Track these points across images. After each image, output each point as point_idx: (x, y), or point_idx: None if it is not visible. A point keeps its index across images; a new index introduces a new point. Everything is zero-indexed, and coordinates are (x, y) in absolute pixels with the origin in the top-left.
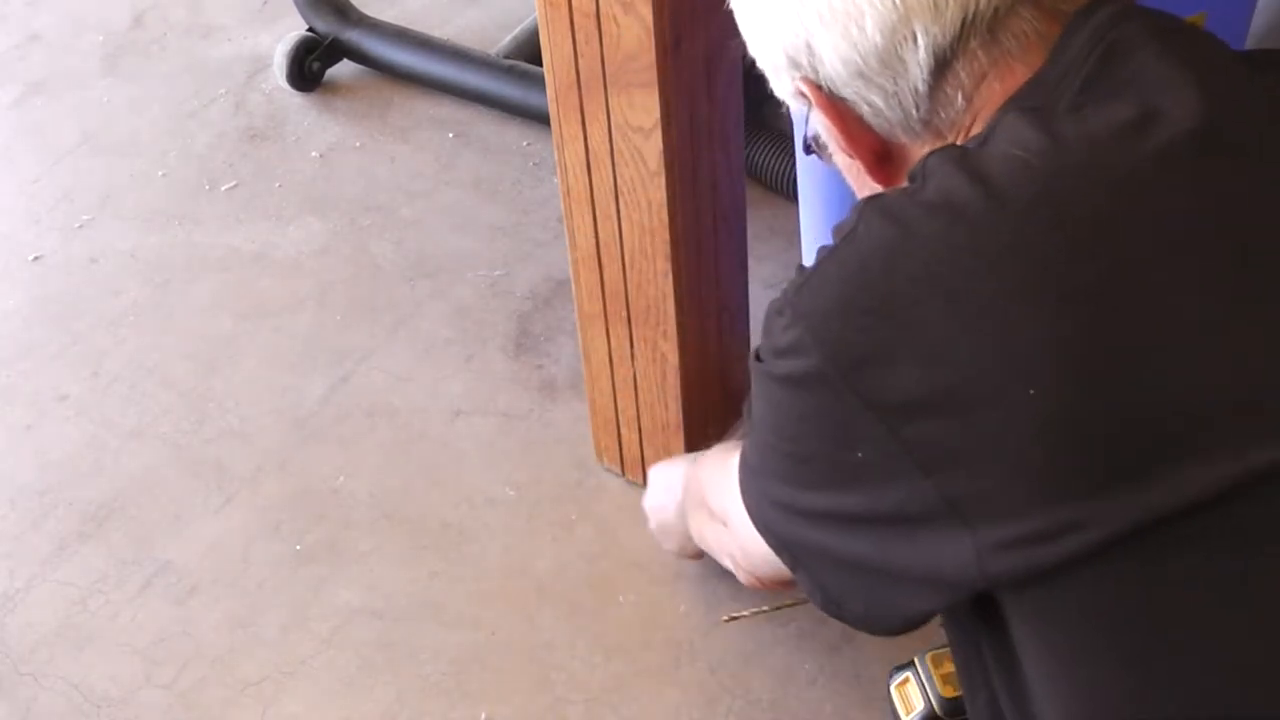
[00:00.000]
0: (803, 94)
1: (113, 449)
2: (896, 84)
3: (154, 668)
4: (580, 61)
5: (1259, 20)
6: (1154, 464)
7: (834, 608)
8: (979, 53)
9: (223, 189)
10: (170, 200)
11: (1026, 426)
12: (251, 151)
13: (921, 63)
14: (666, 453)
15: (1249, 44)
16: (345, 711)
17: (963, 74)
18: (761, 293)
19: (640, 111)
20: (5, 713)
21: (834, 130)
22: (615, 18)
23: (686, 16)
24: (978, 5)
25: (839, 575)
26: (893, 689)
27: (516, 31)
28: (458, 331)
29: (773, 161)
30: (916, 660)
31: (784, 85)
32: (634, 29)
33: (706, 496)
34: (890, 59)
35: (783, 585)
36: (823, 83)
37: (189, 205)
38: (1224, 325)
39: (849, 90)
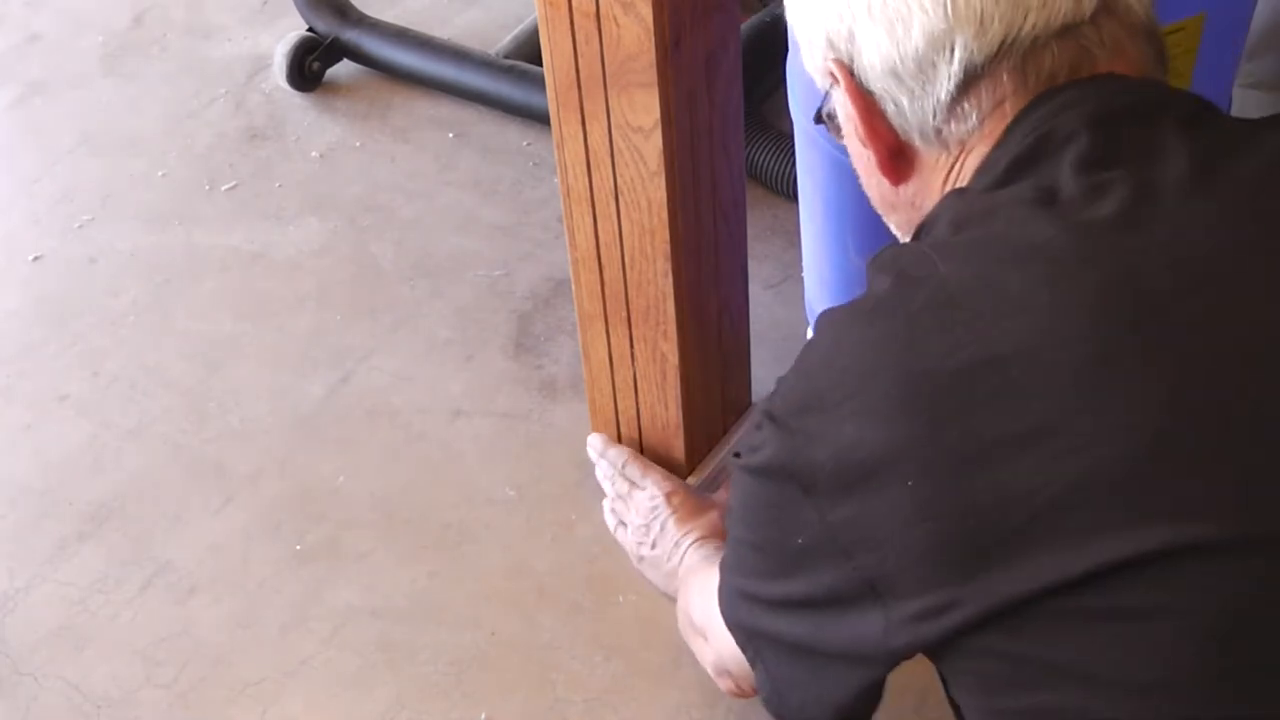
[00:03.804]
0: (832, 75)
1: (113, 449)
2: (924, 89)
3: (154, 668)
4: (580, 61)
5: (1259, 20)
6: (1011, 550)
7: (776, 701)
8: (1004, 77)
9: (223, 189)
10: (170, 200)
11: (909, 514)
12: (251, 151)
13: (952, 74)
14: (666, 452)
15: (1249, 44)
16: (345, 711)
17: (984, 94)
18: (761, 293)
19: (640, 111)
20: (5, 713)
21: (856, 118)
22: (615, 18)
23: (686, 16)
24: (1019, 32)
25: (785, 662)
26: None
27: (516, 31)
28: (458, 331)
29: (773, 162)
30: None
31: (815, 61)
32: (634, 29)
33: (691, 612)
34: (925, 65)
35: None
36: (855, 72)
37: (189, 205)
38: (1074, 416)
39: (878, 85)
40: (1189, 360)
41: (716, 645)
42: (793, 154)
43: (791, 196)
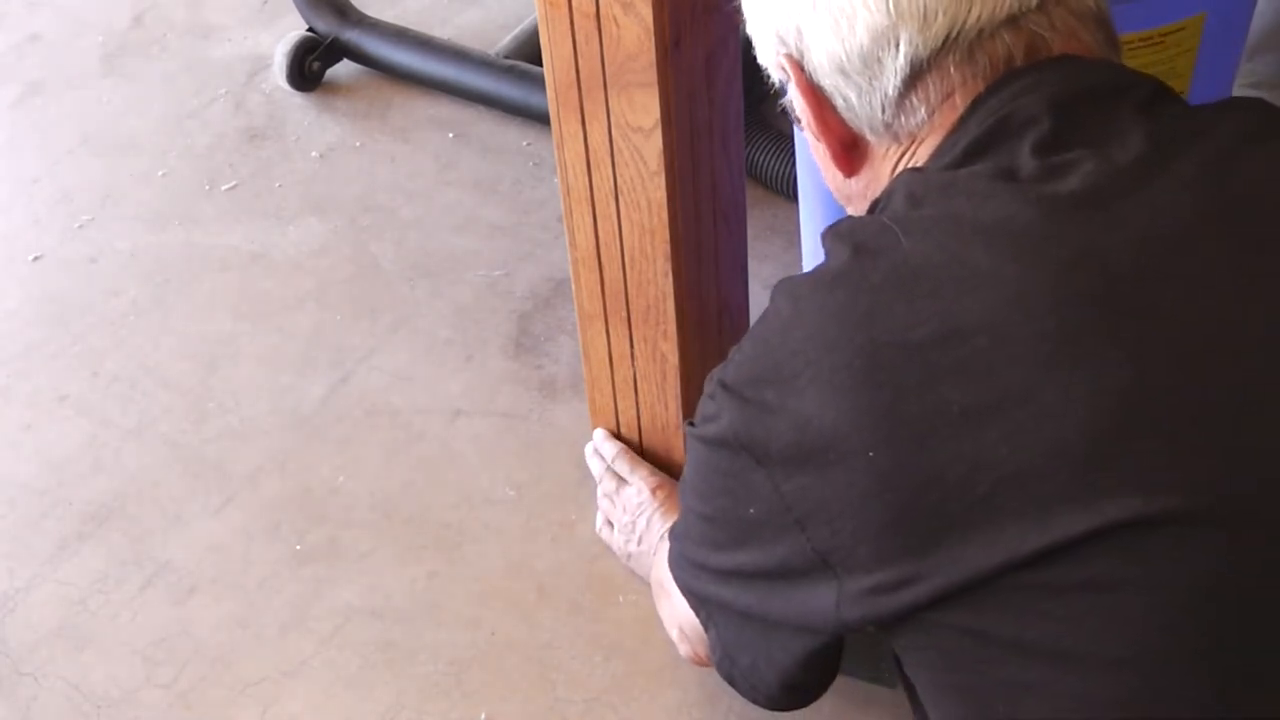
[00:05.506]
0: (784, 70)
1: (113, 449)
2: (871, 84)
3: (154, 668)
4: (580, 61)
5: (1259, 20)
6: (973, 523)
7: (727, 664)
8: (951, 70)
9: (223, 189)
10: (170, 200)
11: (868, 486)
12: (251, 151)
13: (898, 69)
14: (666, 453)
15: (1249, 44)
16: (345, 711)
17: (931, 87)
18: (761, 293)
19: (640, 111)
20: (5, 713)
21: (808, 112)
22: (615, 18)
23: (686, 16)
24: (964, 24)
25: (736, 627)
26: None
27: (516, 31)
28: (458, 331)
29: (773, 161)
30: None
31: (768, 55)
32: (634, 29)
33: (660, 575)
34: (870, 60)
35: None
36: (806, 67)
37: (189, 205)
38: (1040, 388)
39: (828, 81)
40: (1154, 337)
41: (678, 608)
42: (793, 154)
43: (791, 196)
